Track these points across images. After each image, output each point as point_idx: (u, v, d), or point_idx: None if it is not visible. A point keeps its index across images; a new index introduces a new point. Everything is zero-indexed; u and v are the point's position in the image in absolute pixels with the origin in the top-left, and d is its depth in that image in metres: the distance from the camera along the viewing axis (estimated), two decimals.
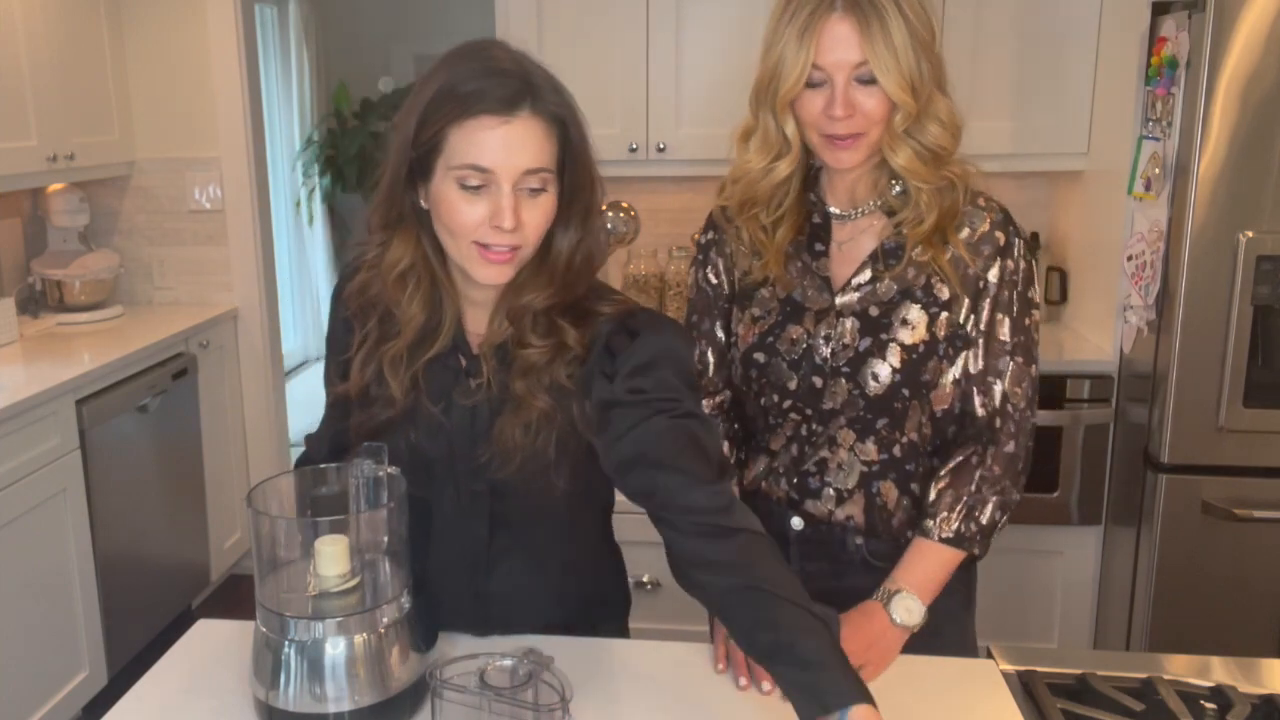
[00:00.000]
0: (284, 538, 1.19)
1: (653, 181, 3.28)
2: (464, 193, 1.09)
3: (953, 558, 1.35)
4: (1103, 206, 2.82)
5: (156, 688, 1.26)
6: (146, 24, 3.42)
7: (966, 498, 1.35)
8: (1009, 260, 1.35)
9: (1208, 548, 2.44)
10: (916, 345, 1.35)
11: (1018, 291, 1.36)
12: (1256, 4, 2.22)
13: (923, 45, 1.27)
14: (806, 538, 1.44)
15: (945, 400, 1.38)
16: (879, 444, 1.39)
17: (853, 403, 1.37)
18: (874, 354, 1.35)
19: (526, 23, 2.98)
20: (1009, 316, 1.36)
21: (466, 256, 1.13)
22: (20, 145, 2.89)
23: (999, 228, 1.36)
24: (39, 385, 2.56)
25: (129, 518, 2.96)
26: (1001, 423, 1.37)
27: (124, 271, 3.51)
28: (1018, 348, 1.37)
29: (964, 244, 1.34)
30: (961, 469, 1.37)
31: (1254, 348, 2.34)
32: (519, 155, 1.08)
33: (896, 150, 1.30)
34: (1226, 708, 1.19)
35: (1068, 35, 2.83)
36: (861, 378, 1.36)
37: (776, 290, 1.42)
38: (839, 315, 1.38)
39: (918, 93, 1.27)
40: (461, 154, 1.08)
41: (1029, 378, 1.37)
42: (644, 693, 1.24)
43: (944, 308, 1.35)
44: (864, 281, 1.37)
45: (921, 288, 1.35)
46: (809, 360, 1.38)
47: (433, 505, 1.27)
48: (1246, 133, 2.27)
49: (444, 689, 1.07)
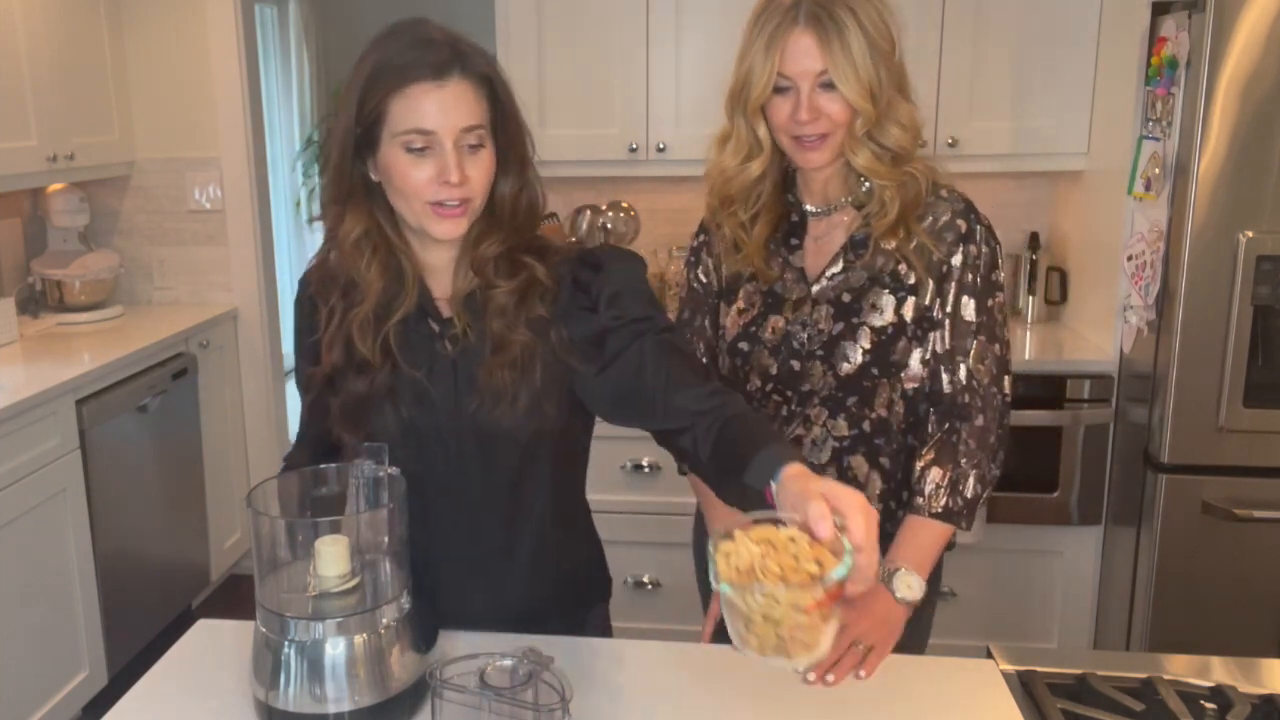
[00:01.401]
0: (284, 538, 1.19)
1: (653, 181, 3.28)
2: (410, 156, 1.18)
3: (943, 532, 1.43)
4: (1103, 206, 2.82)
5: (156, 688, 1.26)
6: (146, 24, 3.42)
7: (949, 473, 1.42)
8: (971, 245, 1.45)
9: (1208, 548, 2.44)
10: (885, 328, 1.45)
11: (980, 275, 1.45)
12: (1256, 4, 2.22)
13: (881, 54, 1.38)
14: None
15: (915, 379, 1.48)
16: (849, 420, 1.48)
17: (826, 383, 1.47)
18: (846, 337, 1.46)
19: (526, 23, 2.99)
20: (972, 298, 1.45)
21: (422, 215, 1.20)
22: (20, 145, 2.89)
23: (960, 216, 1.46)
24: (39, 385, 2.56)
25: (129, 518, 2.96)
26: (970, 398, 1.44)
27: (124, 271, 3.51)
28: (981, 327, 1.45)
29: (926, 232, 1.44)
30: (943, 446, 1.45)
31: (1254, 348, 2.34)
32: (455, 115, 1.17)
33: (857, 152, 1.41)
34: (1226, 708, 1.19)
35: (1068, 35, 2.83)
36: (834, 359, 1.47)
37: (759, 284, 1.53)
38: (814, 303, 1.49)
39: (876, 99, 1.38)
40: (404, 120, 1.17)
41: (992, 355, 1.45)
42: (644, 693, 1.24)
43: (910, 292, 1.45)
44: (836, 271, 1.48)
45: (889, 274, 1.46)
46: (787, 345, 1.50)
47: (425, 475, 1.28)
48: (1246, 133, 2.27)
49: (444, 689, 1.07)
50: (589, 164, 3.12)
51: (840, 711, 1.21)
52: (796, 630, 0.89)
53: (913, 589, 1.38)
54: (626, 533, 2.97)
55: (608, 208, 3.29)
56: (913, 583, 1.38)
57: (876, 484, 1.50)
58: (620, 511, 2.96)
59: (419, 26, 1.22)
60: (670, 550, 3.01)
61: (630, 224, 3.29)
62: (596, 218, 3.25)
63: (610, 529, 2.98)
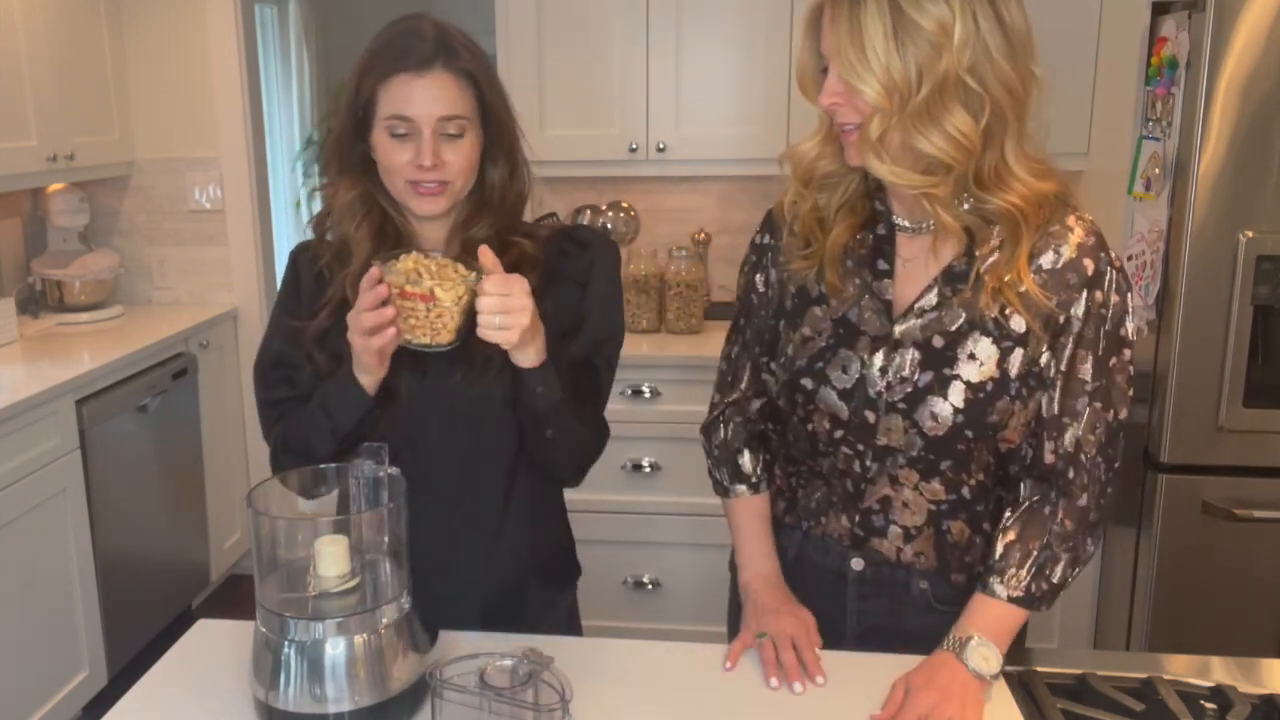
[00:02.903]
0: (284, 538, 1.19)
1: (653, 181, 3.28)
2: (394, 139, 1.28)
3: (1020, 615, 1.26)
4: (1103, 206, 2.82)
5: (156, 688, 1.26)
6: (146, 24, 3.42)
7: (1036, 553, 1.24)
8: (1098, 292, 1.21)
9: (1208, 548, 2.44)
10: (984, 383, 1.22)
11: (1105, 329, 1.22)
12: (1256, 4, 2.22)
13: (918, 43, 1.14)
14: (865, 578, 1.37)
15: (1013, 439, 1.27)
16: (945, 485, 1.29)
17: (911, 442, 1.26)
18: (934, 390, 1.23)
19: (526, 23, 2.99)
20: (1093, 354, 1.22)
21: (403, 193, 1.31)
22: (20, 145, 2.89)
23: (1088, 254, 1.21)
24: (39, 385, 2.57)
25: (129, 518, 2.96)
26: (1075, 473, 1.25)
27: (124, 271, 3.51)
28: (1098, 391, 1.23)
29: (1045, 271, 1.21)
30: (1031, 521, 1.26)
31: (1254, 348, 2.34)
32: (434, 105, 1.27)
33: (864, 155, 1.19)
34: (1226, 708, 1.19)
35: (1068, 35, 2.84)
36: (919, 415, 1.24)
37: (830, 308, 1.30)
38: (898, 344, 1.25)
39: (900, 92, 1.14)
40: (389, 106, 1.28)
41: (1105, 424, 1.25)
42: (644, 693, 1.24)
43: (1018, 342, 1.22)
44: (929, 307, 1.25)
45: (994, 319, 1.22)
46: (862, 391, 1.27)
47: (417, 440, 1.34)
48: (1246, 133, 2.27)
49: (444, 689, 1.07)
50: (589, 164, 3.13)
51: (840, 712, 1.21)
52: (436, 317, 1.18)
53: (989, 661, 1.21)
54: (626, 533, 2.98)
55: (608, 208, 3.29)
56: (989, 654, 1.21)
57: (980, 548, 1.32)
58: (620, 511, 2.96)
59: (415, 21, 1.31)
60: (670, 550, 3.01)
61: (630, 224, 3.29)
62: (596, 218, 3.25)
63: (610, 529, 3.00)
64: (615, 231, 3.26)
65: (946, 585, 1.34)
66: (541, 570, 1.48)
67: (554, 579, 1.51)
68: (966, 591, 1.31)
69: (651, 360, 2.93)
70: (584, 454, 1.40)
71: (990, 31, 1.15)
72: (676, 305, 3.12)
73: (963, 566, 1.34)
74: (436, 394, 1.34)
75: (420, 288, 1.17)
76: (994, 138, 1.18)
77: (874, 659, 1.30)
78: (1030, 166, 1.20)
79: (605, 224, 3.26)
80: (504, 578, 1.43)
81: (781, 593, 1.38)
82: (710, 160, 3.04)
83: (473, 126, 1.30)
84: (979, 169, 1.18)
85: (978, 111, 1.15)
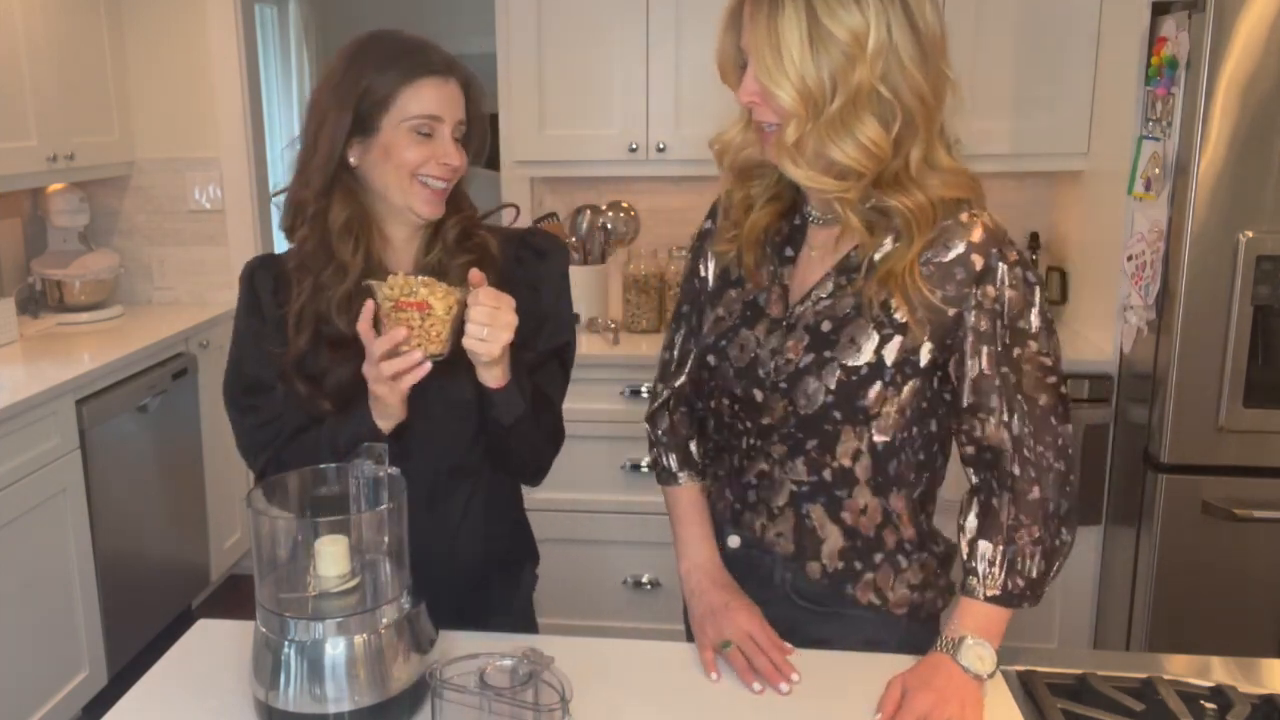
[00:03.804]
0: (284, 538, 1.19)
1: (653, 181, 3.28)
2: (417, 138, 1.33)
3: (1005, 613, 1.26)
4: (1103, 206, 2.82)
5: (156, 688, 1.27)
6: (146, 24, 3.42)
7: (1003, 551, 1.24)
8: (988, 287, 1.21)
9: (1208, 548, 2.44)
10: (859, 367, 1.24)
11: (1002, 324, 1.22)
12: (1256, 4, 2.22)
13: (832, 50, 1.14)
14: (739, 557, 1.40)
15: (887, 431, 1.27)
16: (808, 465, 1.30)
17: (785, 420, 1.29)
18: (811, 371, 1.25)
19: (527, 23, 2.98)
20: (989, 348, 1.22)
21: (409, 192, 1.35)
22: (20, 145, 2.89)
23: (978, 251, 1.21)
24: (39, 385, 2.57)
25: (129, 518, 2.96)
26: (1015, 467, 1.24)
27: (124, 271, 3.51)
28: (1008, 384, 1.23)
29: (933, 264, 1.21)
30: (985, 517, 1.26)
31: (1254, 348, 2.34)
32: (456, 108, 1.36)
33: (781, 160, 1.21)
34: (1226, 708, 1.19)
35: (1068, 35, 2.83)
36: (796, 395, 1.26)
37: (744, 290, 1.35)
38: (791, 328, 1.29)
39: (814, 99, 1.15)
40: (416, 107, 1.32)
41: (1029, 415, 1.23)
42: (644, 693, 1.24)
43: (898, 331, 1.23)
44: (824, 295, 1.28)
45: (880, 305, 1.23)
46: (753, 371, 1.31)
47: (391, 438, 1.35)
48: (1246, 133, 2.27)
49: (444, 689, 1.07)
50: (589, 164, 3.13)
51: (840, 712, 1.21)
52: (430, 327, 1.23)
53: (984, 661, 1.21)
54: (626, 533, 2.98)
55: (608, 208, 3.29)
56: (984, 654, 1.21)
57: (837, 539, 1.32)
58: (620, 511, 2.96)
59: (400, 34, 1.37)
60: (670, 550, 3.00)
61: (630, 224, 3.29)
62: (596, 218, 3.25)
63: (610, 529, 3.01)
64: (615, 231, 3.26)
65: (804, 578, 1.34)
66: (502, 567, 1.52)
67: (512, 577, 1.55)
68: (825, 590, 1.33)
69: (651, 360, 2.92)
70: (541, 457, 1.46)
71: (903, 40, 1.16)
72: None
73: (818, 555, 1.33)
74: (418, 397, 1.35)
75: (416, 298, 1.22)
76: (903, 146, 1.20)
77: (871, 659, 1.30)
78: (939, 175, 1.21)
79: (605, 224, 3.26)
80: (468, 569, 1.46)
81: (724, 588, 1.37)
82: (710, 160, 3.03)
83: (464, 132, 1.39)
84: (881, 173, 1.20)
85: (889, 120, 1.17)
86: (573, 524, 2.97)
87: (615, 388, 2.90)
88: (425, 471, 1.38)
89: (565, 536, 2.96)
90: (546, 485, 1.55)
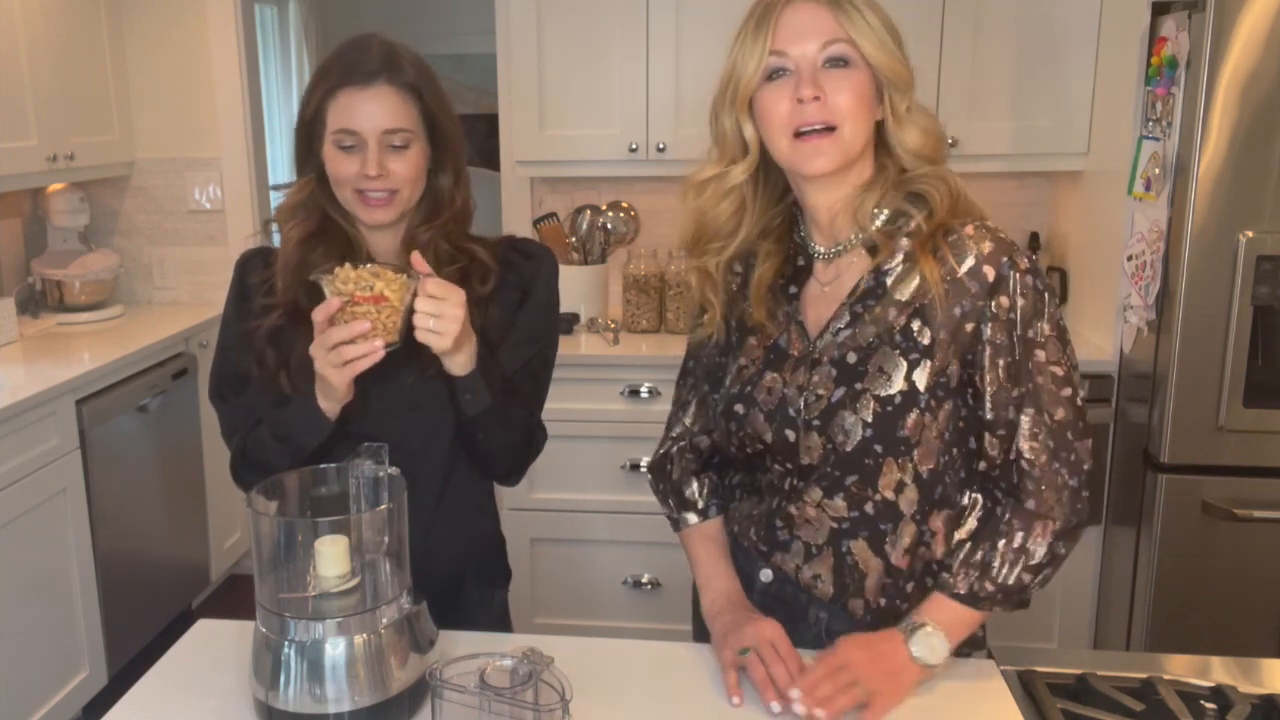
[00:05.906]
0: (284, 538, 1.19)
1: (653, 181, 3.28)
2: (341, 151, 1.34)
3: (969, 614, 1.25)
4: (1103, 206, 2.82)
5: (156, 688, 1.27)
6: (146, 24, 3.42)
7: (982, 554, 1.24)
8: (1002, 298, 1.20)
9: (1208, 548, 2.44)
10: (892, 396, 1.22)
11: (1016, 334, 1.21)
12: (1256, 4, 2.22)
13: (897, 43, 1.21)
14: (772, 592, 1.36)
15: (929, 458, 1.25)
16: (849, 501, 1.27)
17: (825, 458, 1.26)
18: (846, 405, 1.23)
19: (527, 24, 2.98)
20: (1006, 360, 1.21)
21: (351, 203, 1.36)
22: (20, 145, 2.89)
23: (989, 261, 1.20)
24: (39, 385, 2.57)
25: (129, 518, 2.96)
26: (1021, 480, 1.23)
27: (124, 271, 3.51)
28: (1026, 397, 1.21)
29: (947, 281, 1.21)
30: (986, 523, 1.27)
31: (1254, 348, 2.34)
32: (379, 118, 1.32)
33: (903, 128, 1.22)
34: (1226, 708, 1.19)
35: (1068, 35, 2.84)
36: (833, 431, 1.24)
37: (764, 335, 1.33)
38: (815, 363, 1.27)
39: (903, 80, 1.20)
40: (336, 121, 1.33)
41: (1046, 428, 1.22)
42: (644, 693, 1.24)
43: (925, 354, 1.21)
44: (842, 325, 1.26)
45: (901, 331, 1.22)
46: (783, 412, 1.28)
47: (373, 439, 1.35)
48: (1246, 133, 2.27)
49: (444, 689, 1.07)
50: (589, 164, 3.12)
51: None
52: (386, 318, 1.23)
53: (934, 651, 1.21)
54: (626, 533, 2.97)
55: (608, 208, 3.29)
56: (935, 644, 1.21)
57: (879, 574, 1.29)
58: (620, 511, 2.96)
59: (363, 39, 1.37)
60: (670, 550, 3.00)
61: (630, 224, 3.29)
62: (596, 218, 3.25)
63: (610, 529, 3.00)
64: (615, 231, 3.26)
65: (844, 618, 1.31)
66: (475, 567, 1.52)
67: (486, 577, 1.55)
68: (867, 630, 1.28)
69: (651, 360, 2.93)
70: (517, 456, 1.46)
71: None
72: (676, 305, 3.11)
73: (861, 592, 1.30)
74: (392, 394, 1.37)
75: (371, 291, 1.22)
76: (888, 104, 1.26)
77: None
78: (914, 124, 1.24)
79: (605, 224, 3.26)
80: (440, 574, 1.41)
81: (747, 609, 1.33)
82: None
83: (418, 138, 1.35)
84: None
85: None
86: (573, 524, 2.97)
87: (615, 388, 2.90)
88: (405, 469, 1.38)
89: (565, 536, 2.96)
90: (546, 485, 1.55)
